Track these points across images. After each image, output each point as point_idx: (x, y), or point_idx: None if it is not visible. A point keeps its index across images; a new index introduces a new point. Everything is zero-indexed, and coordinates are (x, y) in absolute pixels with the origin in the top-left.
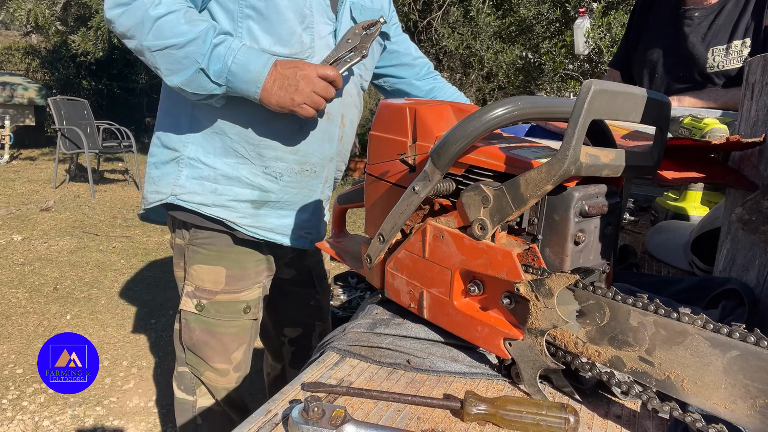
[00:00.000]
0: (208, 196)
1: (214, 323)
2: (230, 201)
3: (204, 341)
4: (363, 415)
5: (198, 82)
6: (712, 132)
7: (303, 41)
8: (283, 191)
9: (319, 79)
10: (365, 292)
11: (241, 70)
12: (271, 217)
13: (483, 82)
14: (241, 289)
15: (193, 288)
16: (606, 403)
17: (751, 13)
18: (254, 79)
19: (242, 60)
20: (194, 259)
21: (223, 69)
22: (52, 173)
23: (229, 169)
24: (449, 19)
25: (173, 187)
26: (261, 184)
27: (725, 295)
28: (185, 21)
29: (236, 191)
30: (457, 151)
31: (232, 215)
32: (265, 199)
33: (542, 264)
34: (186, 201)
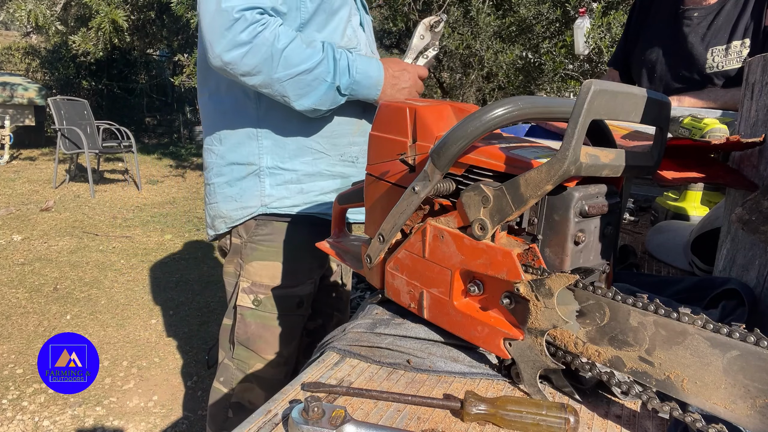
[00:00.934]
0: (296, 198)
1: (270, 317)
2: (318, 196)
3: (259, 335)
4: (363, 415)
5: (332, 99)
6: (712, 132)
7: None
8: (361, 173)
9: (418, 78)
10: (365, 292)
11: (364, 78)
12: None
13: (483, 82)
14: (296, 284)
15: (250, 284)
16: (606, 403)
17: (750, 13)
18: (375, 84)
19: (362, 69)
20: (252, 256)
21: (351, 81)
22: (52, 173)
23: (309, 167)
24: (449, 19)
25: (261, 198)
26: (341, 171)
27: (725, 295)
28: (306, 45)
29: (321, 185)
30: (457, 151)
31: (323, 208)
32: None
33: (542, 264)
34: (278, 208)
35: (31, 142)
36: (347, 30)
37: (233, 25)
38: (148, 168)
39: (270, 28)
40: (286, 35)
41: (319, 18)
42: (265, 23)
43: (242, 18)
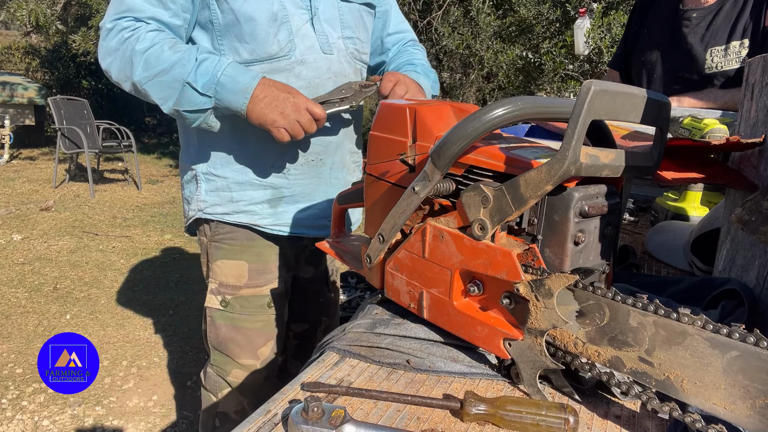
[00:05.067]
0: (227, 206)
1: (240, 318)
2: (248, 205)
3: (230, 337)
4: (363, 415)
5: (187, 98)
6: (711, 132)
7: (280, 40)
8: (294, 185)
9: (306, 112)
10: (365, 292)
11: (230, 81)
12: (290, 211)
13: (483, 82)
14: (264, 282)
15: (217, 284)
16: (606, 404)
17: (749, 13)
18: (243, 89)
19: (231, 73)
20: (216, 255)
21: (212, 81)
22: (51, 173)
23: (239, 175)
24: (449, 19)
25: (198, 203)
26: (271, 182)
27: (725, 295)
28: (168, 48)
29: (251, 194)
30: (457, 151)
31: (254, 218)
32: (279, 196)
33: (542, 264)
34: (210, 213)
35: (31, 141)
36: (279, 36)
37: (107, 34)
38: (148, 168)
39: (137, 33)
40: (148, 39)
41: (235, 29)
42: (134, 29)
43: (114, 27)
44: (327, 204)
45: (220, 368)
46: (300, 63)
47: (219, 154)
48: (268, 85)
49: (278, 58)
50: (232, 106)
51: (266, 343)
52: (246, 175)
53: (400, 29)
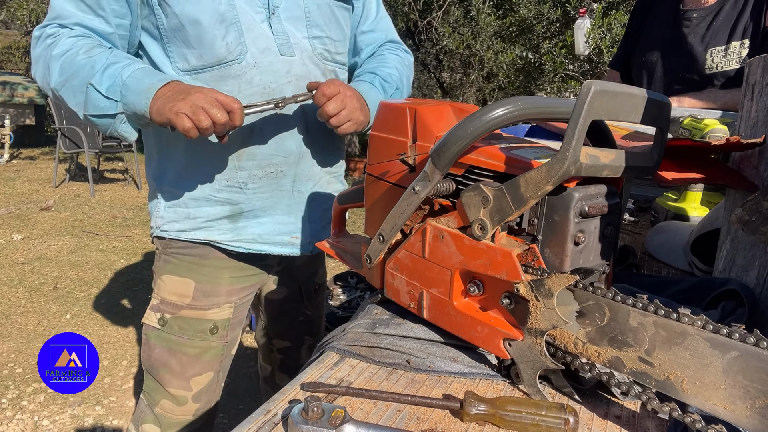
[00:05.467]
0: (184, 222)
1: (176, 341)
2: (206, 222)
3: (162, 361)
4: (363, 415)
5: (92, 102)
6: (712, 133)
7: (228, 43)
8: (252, 199)
9: (216, 101)
10: (365, 292)
11: (136, 83)
12: (251, 227)
13: (483, 82)
14: (209, 306)
15: (159, 301)
16: (605, 404)
17: (749, 13)
18: (146, 89)
19: (139, 75)
20: (164, 269)
21: (117, 83)
22: (52, 173)
23: (194, 191)
24: (449, 19)
25: (157, 219)
26: (228, 197)
27: (725, 295)
28: (84, 53)
29: (208, 211)
30: (457, 151)
31: (213, 234)
32: (238, 212)
33: (542, 264)
34: (167, 231)
35: (31, 141)
36: (227, 38)
37: (35, 43)
38: None
39: (57, 40)
40: (67, 44)
41: (181, 34)
42: (56, 36)
43: (41, 35)
44: (291, 219)
45: (151, 396)
46: (253, 67)
47: (175, 168)
48: (177, 83)
49: (227, 63)
50: (136, 109)
51: (203, 374)
52: (201, 191)
53: (375, 28)
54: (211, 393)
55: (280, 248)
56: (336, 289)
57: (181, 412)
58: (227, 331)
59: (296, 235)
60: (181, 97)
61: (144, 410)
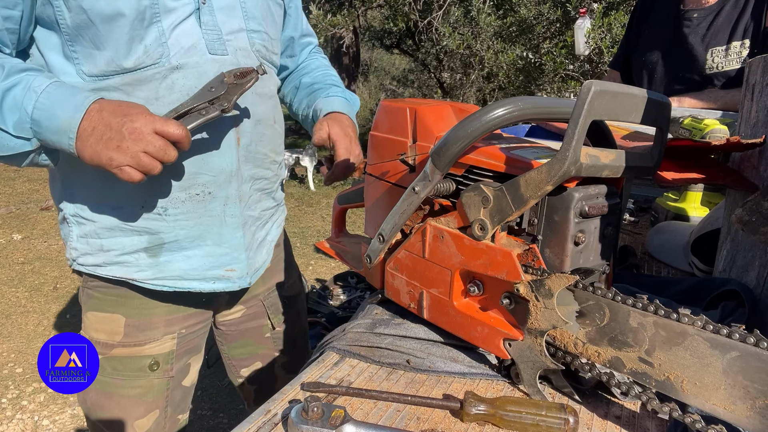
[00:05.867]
0: (98, 256)
1: (111, 383)
2: (121, 255)
3: (100, 405)
4: (362, 415)
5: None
6: (712, 133)
7: (146, 44)
8: (175, 227)
9: (156, 136)
10: (365, 292)
11: (47, 118)
12: (175, 261)
13: (483, 82)
14: (145, 341)
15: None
16: (605, 404)
17: (750, 13)
18: (64, 128)
19: (47, 104)
20: (88, 305)
21: (24, 118)
22: None
23: (106, 218)
24: (450, 19)
25: (71, 251)
26: (145, 226)
27: (725, 295)
28: None
29: (122, 242)
30: (457, 151)
31: (130, 271)
32: (159, 243)
33: (542, 264)
34: (82, 265)
35: None
36: (146, 39)
37: None
38: None
39: None
40: None
41: (90, 32)
42: None
43: None
44: (224, 249)
45: None
46: (175, 69)
47: (83, 192)
48: (98, 111)
49: (144, 67)
50: (58, 147)
51: (147, 414)
52: (114, 219)
53: (309, 32)
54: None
55: (212, 284)
56: (336, 289)
57: None
58: (171, 364)
59: (231, 268)
60: (114, 143)
61: None
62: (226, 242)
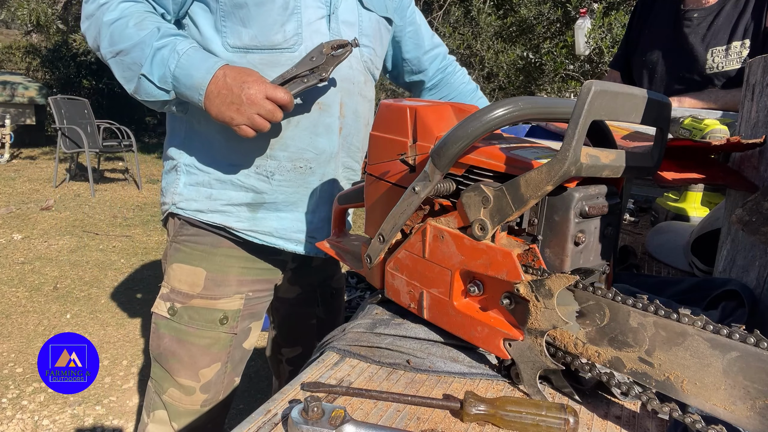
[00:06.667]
0: (204, 202)
1: (186, 331)
2: (225, 205)
3: (171, 351)
4: (363, 415)
5: (145, 90)
6: (712, 133)
7: (286, 30)
8: (276, 191)
9: (267, 100)
10: (365, 292)
11: (184, 76)
12: (269, 219)
13: (483, 82)
14: (220, 296)
15: (169, 290)
16: (606, 404)
17: (750, 13)
18: (197, 85)
19: (186, 64)
20: (175, 257)
21: (167, 74)
22: (52, 172)
23: (222, 172)
24: (450, 19)
25: (173, 196)
26: (253, 185)
27: (725, 296)
28: (134, 24)
29: (230, 195)
30: (458, 151)
31: (229, 220)
32: (260, 201)
33: (542, 264)
34: (184, 209)
35: (32, 141)
36: (287, 26)
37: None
38: (149, 167)
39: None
40: (118, 11)
41: (242, 12)
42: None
43: None
44: (311, 218)
45: (158, 384)
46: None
47: (204, 147)
48: (223, 76)
49: (280, 50)
50: (190, 101)
51: (210, 365)
52: (228, 174)
53: (436, 44)
54: (219, 385)
55: (295, 245)
56: None
57: (189, 402)
58: (237, 322)
59: (313, 235)
60: (235, 106)
61: (153, 397)
62: (315, 212)
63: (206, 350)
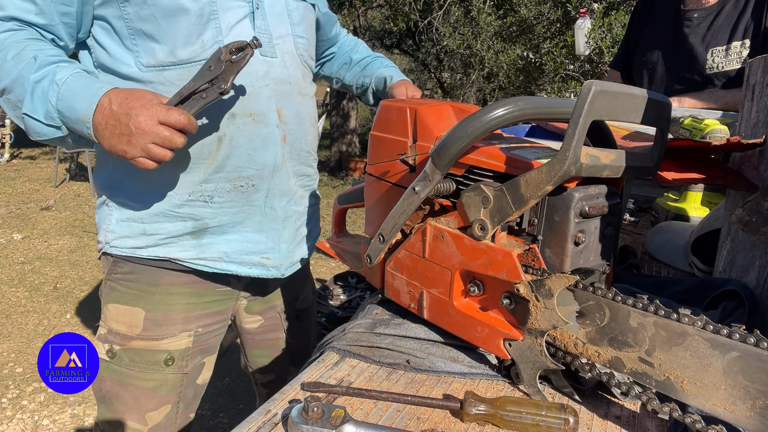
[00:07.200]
0: (139, 239)
1: (127, 374)
2: (165, 239)
3: (114, 394)
4: (363, 415)
5: (34, 129)
6: (712, 133)
7: (204, 40)
8: (219, 213)
9: (161, 126)
10: (365, 292)
11: (67, 109)
12: (217, 243)
13: (484, 82)
14: (163, 336)
15: (106, 331)
16: (606, 404)
17: (750, 13)
18: (82, 118)
19: (67, 95)
20: (110, 297)
21: (50, 109)
22: (52, 172)
23: (152, 204)
24: (450, 19)
25: (106, 234)
26: (191, 213)
27: (725, 296)
28: (12, 57)
29: (167, 227)
30: (458, 151)
31: (173, 251)
32: (203, 227)
33: (542, 264)
34: (118, 247)
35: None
36: (204, 36)
37: None
38: None
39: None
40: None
41: (152, 26)
42: None
43: None
44: (263, 238)
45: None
46: None
47: (130, 177)
48: (108, 104)
49: (200, 61)
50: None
51: (159, 408)
52: (160, 206)
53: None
54: (171, 426)
55: (248, 269)
56: (336, 289)
57: None
58: (186, 361)
59: (267, 256)
60: (125, 138)
61: None
62: (265, 231)
63: (152, 393)
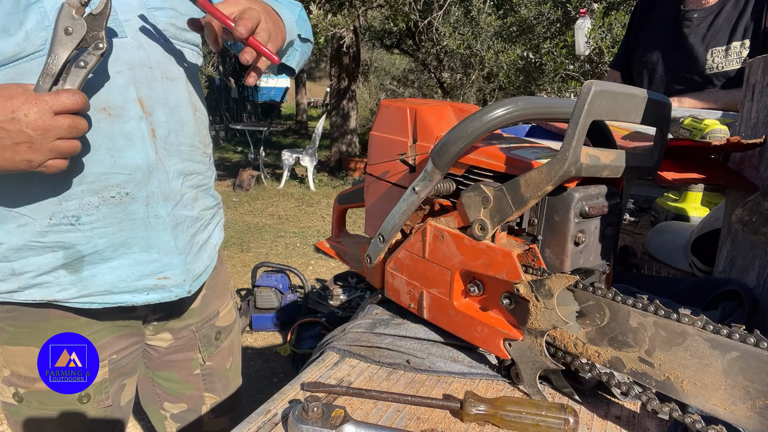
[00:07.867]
0: (11, 281)
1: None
2: (37, 277)
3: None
4: (362, 415)
5: None
6: (712, 133)
7: (27, 29)
8: (92, 237)
9: (61, 117)
10: (365, 292)
11: None
12: (101, 274)
13: (483, 82)
14: None
15: (9, 373)
16: (606, 404)
17: (750, 14)
18: None
19: None
20: (2, 339)
21: None
22: None
23: (13, 237)
24: (450, 19)
25: None
26: (57, 240)
27: (725, 296)
28: None
29: (35, 262)
30: (458, 151)
31: (51, 292)
32: (77, 257)
33: (542, 264)
34: None
35: None
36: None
37: None
38: None
39: None
40: None
41: None
42: None
43: None
44: (154, 255)
45: None
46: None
47: None
48: None
49: (28, 56)
50: None
51: None
52: (21, 237)
53: None
54: None
55: (145, 295)
56: (336, 289)
57: None
58: (106, 393)
59: (164, 275)
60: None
61: None
62: (155, 247)
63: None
